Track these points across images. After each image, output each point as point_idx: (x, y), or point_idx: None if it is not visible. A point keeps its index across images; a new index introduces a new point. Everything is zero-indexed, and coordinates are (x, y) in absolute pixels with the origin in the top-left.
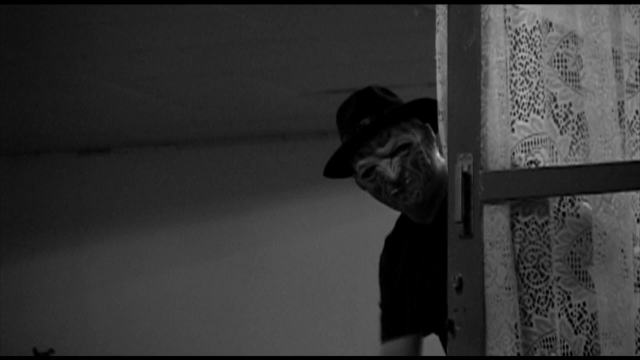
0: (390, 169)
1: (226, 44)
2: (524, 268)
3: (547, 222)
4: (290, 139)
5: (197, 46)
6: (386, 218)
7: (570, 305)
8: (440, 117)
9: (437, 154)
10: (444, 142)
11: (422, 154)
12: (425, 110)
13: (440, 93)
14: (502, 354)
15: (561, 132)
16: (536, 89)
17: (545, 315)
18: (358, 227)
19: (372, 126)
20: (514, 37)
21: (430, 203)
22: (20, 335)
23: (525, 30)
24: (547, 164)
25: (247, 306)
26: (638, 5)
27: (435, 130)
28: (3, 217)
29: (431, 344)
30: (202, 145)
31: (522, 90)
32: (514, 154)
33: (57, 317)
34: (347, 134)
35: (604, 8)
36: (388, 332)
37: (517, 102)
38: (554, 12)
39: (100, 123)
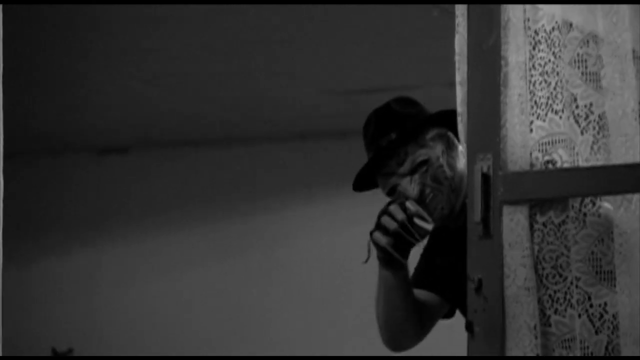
0: (410, 188)
1: (245, 43)
2: (543, 269)
3: (564, 222)
4: (309, 139)
5: (215, 46)
6: None
7: (592, 306)
8: (459, 118)
9: (463, 160)
10: (463, 144)
11: (442, 168)
12: (445, 118)
13: (460, 94)
14: (521, 354)
15: (582, 132)
16: (554, 89)
17: (564, 316)
18: None
19: (387, 148)
20: (533, 38)
21: (461, 211)
22: (40, 335)
23: (545, 30)
24: (567, 164)
25: (266, 306)
26: None
27: (457, 135)
28: (23, 217)
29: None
30: (221, 145)
31: (541, 90)
32: (531, 153)
33: (76, 317)
34: (369, 153)
35: (625, 8)
36: (415, 281)
37: (535, 102)
38: (574, 13)
39: (120, 122)
